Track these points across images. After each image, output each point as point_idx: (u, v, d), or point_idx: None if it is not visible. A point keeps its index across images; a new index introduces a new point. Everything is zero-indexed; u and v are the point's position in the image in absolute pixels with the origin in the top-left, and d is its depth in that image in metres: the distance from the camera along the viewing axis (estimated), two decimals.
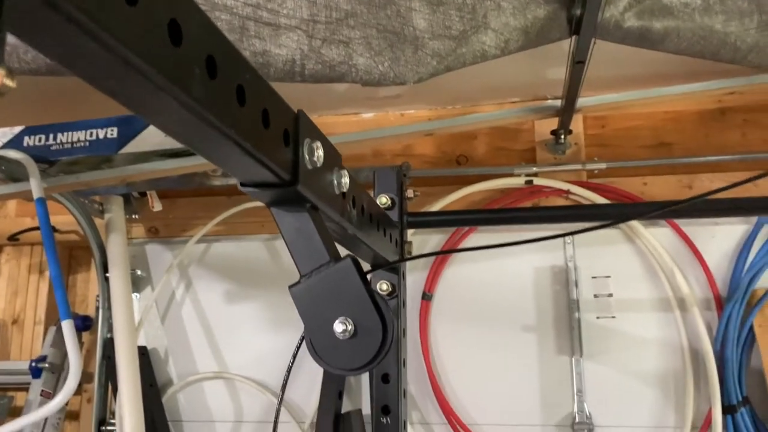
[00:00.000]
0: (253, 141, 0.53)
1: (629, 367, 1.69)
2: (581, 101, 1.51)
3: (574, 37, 1.16)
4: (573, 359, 1.70)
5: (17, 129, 1.58)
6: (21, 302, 2.02)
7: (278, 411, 0.77)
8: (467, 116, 1.60)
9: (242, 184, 0.63)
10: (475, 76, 1.66)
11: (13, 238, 1.99)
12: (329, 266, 0.64)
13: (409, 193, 1.15)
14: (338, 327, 0.62)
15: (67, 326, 1.34)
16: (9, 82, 0.29)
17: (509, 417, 1.72)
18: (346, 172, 0.73)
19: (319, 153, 0.64)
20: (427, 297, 1.79)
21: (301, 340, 0.65)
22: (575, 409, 1.68)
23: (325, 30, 0.91)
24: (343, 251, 0.73)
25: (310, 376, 1.81)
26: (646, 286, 1.72)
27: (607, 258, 1.74)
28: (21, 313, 2.02)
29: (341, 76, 0.91)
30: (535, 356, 1.74)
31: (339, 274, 0.64)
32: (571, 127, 1.76)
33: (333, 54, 0.89)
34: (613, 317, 1.71)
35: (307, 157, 0.62)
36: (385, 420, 1.04)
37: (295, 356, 0.73)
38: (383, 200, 1.10)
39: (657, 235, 1.69)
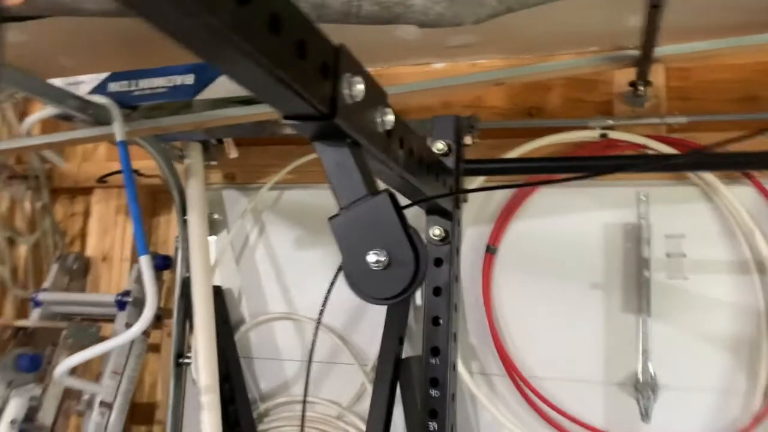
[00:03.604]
0: (287, 71, 0.54)
1: (699, 330, 1.63)
2: (659, 50, 1.43)
3: None
4: (640, 318, 1.66)
5: (103, 75, 1.67)
6: (110, 241, 2.17)
7: (315, 335, 0.80)
8: (538, 65, 1.55)
9: (285, 117, 0.65)
10: (549, 23, 1.61)
11: (102, 180, 2.13)
12: (366, 200, 0.66)
13: (467, 140, 1.14)
14: (371, 258, 0.64)
15: (144, 261, 1.43)
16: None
17: (570, 373, 1.71)
18: (390, 111, 0.74)
19: (359, 87, 0.65)
20: (491, 250, 1.79)
21: (338, 271, 0.67)
22: (639, 369, 1.64)
23: None
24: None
25: (374, 322, 1.86)
26: (722, 246, 1.64)
27: (683, 216, 1.67)
28: (110, 251, 2.17)
29: (396, 17, 0.90)
30: (600, 314, 1.71)
31: (375, 208, 0.66)
32: (651, 79, 1.68)
33: None
34: (686, 278, 1.65)
35: (346, 90, 0.63)
36: (434, 361, 1.06)
37: (331, 285, 0.76)
38: (439, 146, 1.10)
39: (737, 194, 1.61)
